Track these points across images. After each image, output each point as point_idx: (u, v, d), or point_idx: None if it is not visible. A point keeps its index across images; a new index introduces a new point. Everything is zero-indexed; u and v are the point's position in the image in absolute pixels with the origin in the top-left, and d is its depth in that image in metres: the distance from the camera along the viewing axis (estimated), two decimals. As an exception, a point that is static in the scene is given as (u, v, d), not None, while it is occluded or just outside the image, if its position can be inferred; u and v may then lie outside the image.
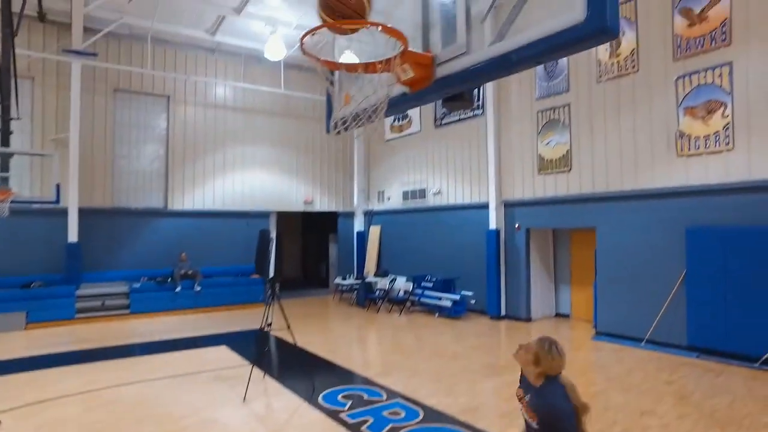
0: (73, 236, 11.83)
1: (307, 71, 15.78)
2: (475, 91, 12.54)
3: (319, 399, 6.23)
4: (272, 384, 6.88)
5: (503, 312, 11.85)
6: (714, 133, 8.43)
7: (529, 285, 11.61)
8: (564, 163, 10.74)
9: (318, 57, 2.53)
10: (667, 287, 8.86)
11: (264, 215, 15.43)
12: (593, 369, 7.79)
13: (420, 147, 14.78)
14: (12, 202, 9.18)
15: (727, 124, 8.27)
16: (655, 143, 9.18)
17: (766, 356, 7.45)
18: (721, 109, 8.37)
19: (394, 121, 15.85)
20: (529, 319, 11.50)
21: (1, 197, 9.02)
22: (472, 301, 12.12)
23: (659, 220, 9.07)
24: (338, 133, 3.08)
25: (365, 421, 5.45)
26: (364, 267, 16.37)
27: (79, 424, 5.46)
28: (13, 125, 10.95)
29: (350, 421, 5.48)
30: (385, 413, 5.71)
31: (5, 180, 9.64)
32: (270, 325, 6.60)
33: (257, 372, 7.00)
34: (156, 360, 8.32)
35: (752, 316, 7.71)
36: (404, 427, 5.29)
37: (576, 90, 10.54)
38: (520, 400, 2.68)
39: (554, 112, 10.96)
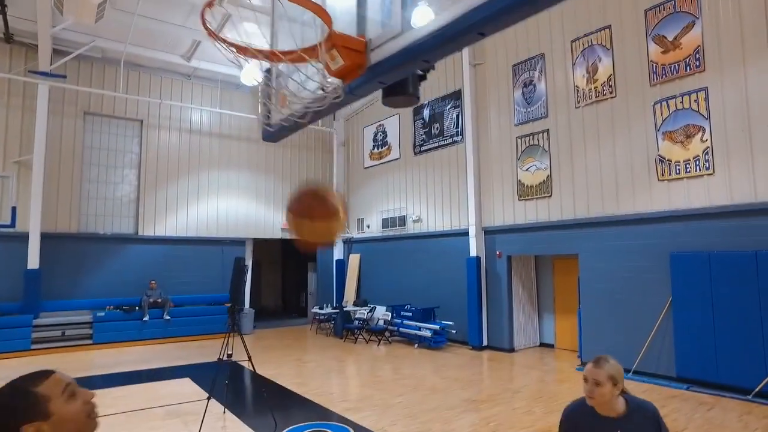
0: (33, 262, 11.21)
1: (286, 97, 15.61)
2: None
3: (281, 437, 5.70)
4: (231, 420, 6.32)
5: (485, 342, 11.40)
6: (694, 158, 8.32)
7: (512, 314, 11.23)
8: (544, 189, 10.55)
9: (226, 40, 2.22)
10: (653, 315, 8.56)
11: (240, 242, 14.94)
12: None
13: (399, 174, 14.56)
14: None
15: (707, 148, 8.16)
16: (636, 168, 9.04)
17: (758, 388, 7.12)
18: (700, 133, 8.29)
19: (374, 148, 15.69)
20: (512, 350, 11.07)
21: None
22: (453, 331, 11.66)
23: (642, 246, 8.84)
24: (275, 141, 2.75)
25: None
26: (343, 296, 15.86)
27: None
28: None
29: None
30: (351, 454, 5.21)
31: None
32: (230, 356, 6.11)
33: (218, 407, 6.46)
34: (111, 393, 7.69)
35: (742, 344, 7.42)
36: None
37: (555, 115, 10.45)
38: None
39: (533, 137, 10.84)
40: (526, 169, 10.92)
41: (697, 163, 8.27)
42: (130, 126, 13.51)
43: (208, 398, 6.11)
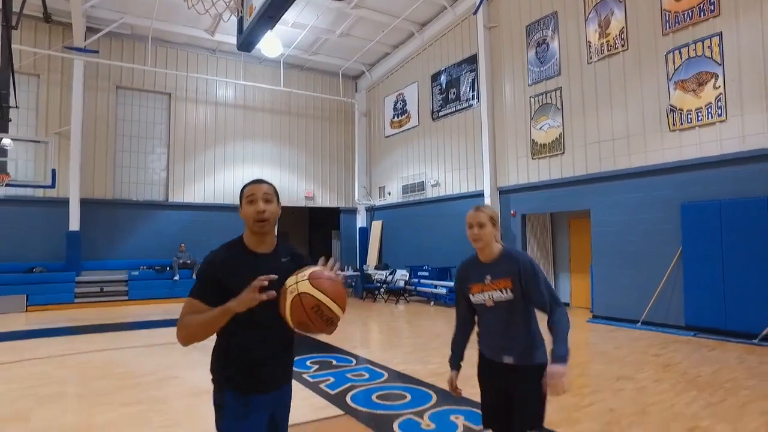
0: (74, 225, 12.13)
1: (308, 71, 16.04)
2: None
3: (288, 364, 6.15)
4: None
5: (499, 300, 11.59)
6: (706, 105, 8.20)
7: (526, 272, 11.35)
8: (557, 147, 10.57)
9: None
10: (662, 267, 8.57)
11: (265, 210, 15.50)
12: (579, 346, 7.52)
13: (418, 141, 14.77)
14: (9, 185, 9.47)
15: (719, 95, 8.03)
16: (647, 120, 8.97)
17: (765, 332, 7.11)
18: (712, 80, 8.15)
19: (394, 116, 15.91)
20: (526, 308, 11.22)
21: (-1, 180, 9.31)
22: (469, 291, 11.89)
23: (654, 198, 8.81)
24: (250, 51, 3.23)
25: (325, 381, 5.37)
26: (366, 262, 16.31)
27: (47, 377, 5.71)
28: (20, 120, 11.38)
29: (311, 380, 5.40)
30: (348, 375, 5.62)
31: (3, 164, 9.96)
32: None
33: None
34: (138, 334, 8.46)
35: (750, 291, 7.38)
36: (362, 387, 5.17)
37: (567, 73, 10.40)
38: (479, 291, 2.40)
39: (546, 96, 10.83)
40: (540, 128, 10.94)
41: (709, 110, 8.15)
42: (159, 99, 14.22)
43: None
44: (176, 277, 12.98)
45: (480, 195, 12.11)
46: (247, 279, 1.78)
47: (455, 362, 2.59)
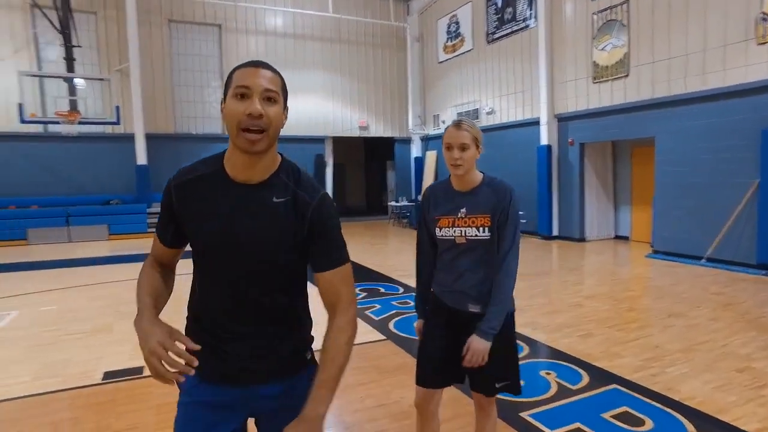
0: (141, 159, 12.85)
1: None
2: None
3: (338, 292, 6.46)
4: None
5: (555, 232, 11.38)
6: (802, 15, 7.17)
7: (583, 204, 10.98)
8: (621, 68, 9.73)
9: None
10: (734, 200, 7.95)
11: (319, 140, 15.71)
12: (634, 280, 7.32)
13: (472, 66, 14.08)
14: (81, 123, 10.06)
15: (820, 2, 6.98)
16: (730, 33, 7.97)
17: (842, 268, 6.58)
18: (814, -17, 7.06)
19: (447, 41, 15.14)
20: (582, 240, 10.96)
21: (70, 118, 9.93)
22: (524, 221, 11.70)
23: (729, 124, 8.03)
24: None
25: (371, 308, 5.60)
26: (420, 192, 16.33)
27: (125, 297, 6.17)
28: (82, 58, 11.82)
29: (358, 305, 5.64)
30: (394, 302, 5.82)
31: (73, 103, 10.53)
32: None
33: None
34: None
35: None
36: (406, 314, 5.35)
37: (640, -18, 9.33)
38: (448, 225, 2.00)
39: (611, 12, 9.84)
40: (602, 48, 10.07)
41: (806, 21, 7.13)
42: (210, 31, 14.27)
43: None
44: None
45: (536, 122, 11.56)
46: (207, 214, 1.23)
47: (423, 309, 2.20)
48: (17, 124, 11.52)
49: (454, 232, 1.99)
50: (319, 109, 15.68)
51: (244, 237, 1.23)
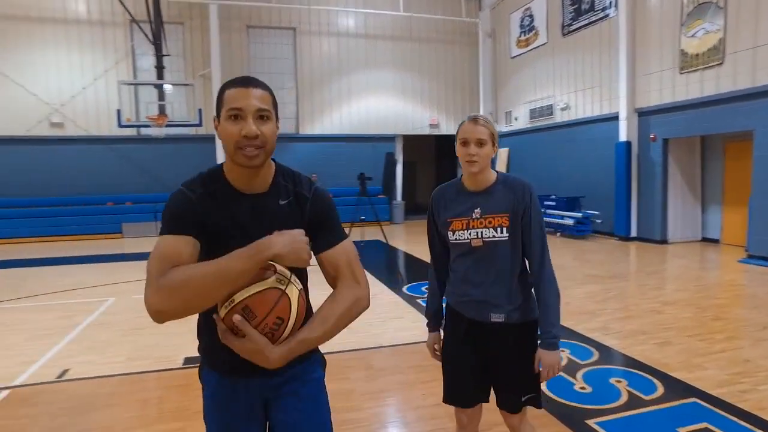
0: (221, 158, 13.53)
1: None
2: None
3: (404, 288, 6.56)
4: (367, 276, 7.38)
5: (633, 233, 10.75)
6: None
7: (666, 203, 10.28)
8: (714, 56, 8.99)
9: None
10: None
11: (389, 138, 15.89)
12: (723, 287, 6.76)
13: (546, 60, 13.61)
14: (168, 125, 10.87)
15: None
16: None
17: None
18: None
19: (521, 35, 14.72)
20: (664, 242, 10.28)
21: (159, 121, 10.76)
22: (599, 221, 11.19)
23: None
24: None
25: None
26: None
27: None
28: (170, 65, 12.76)
29: (423, 304, 5.67)
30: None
31: (162, 107, 11.40)
32: (362, 219, 7.04)
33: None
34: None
35: None
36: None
37: (736, -38, 8.57)
38: (461, 228, 1.86)
39: (705, -6, 9.11)
40: (692, 35, 9.35)
41: None
42: (285, 35, 14.87)
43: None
44: (308, 206, 14.10)
45: (614, 118, 10.97)
46: (229, 229, 1.28)
47: (436, 319, 2.07)
48: (115, 128, 12.65)
49: (469, 234, 1.84)
50: (390, 107, 15.85)
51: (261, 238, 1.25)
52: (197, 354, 1.49)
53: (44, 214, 13.05)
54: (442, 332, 2.05)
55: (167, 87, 12.34)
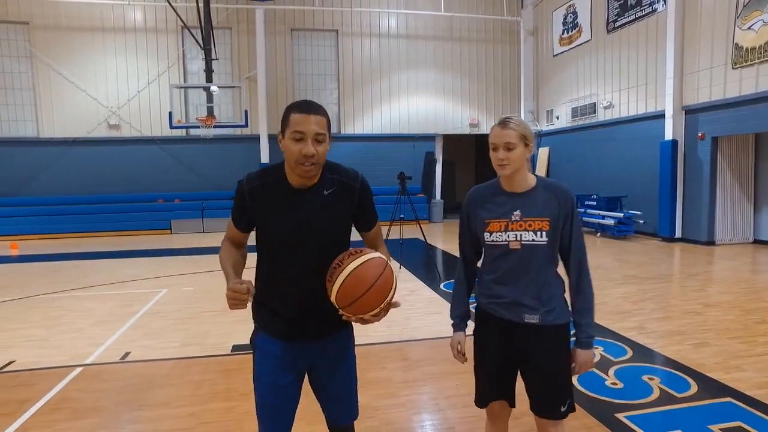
0: (264, 158, 14.16)
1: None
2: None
3: (441, 285, 6.71)
4: (405, 273, 7.61)
5: (678, 233, 10.47)
6: None
7: (714, 203, 9.96)
8: (769, 51, 8.64)
9: None
10: None
11: (429, 138, 16.00)
12: (771, 289, 6.54)
13: (590, 58, 13.38)
14: (215, 126, 11.39)
15: None
16: None
17: None
18: None
19: (563, 32, 14.52)
20: (711, 243, 9.96)
21: (207, 122, 11.28)
22: (641, 221, 10.94)
23: None
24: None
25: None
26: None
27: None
28: (218, 68, 13.32)
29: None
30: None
31: (210, 109, 11.94)
32: (402, 218, 7.24)
33: (395, 264, 7.80)
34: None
35: None
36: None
37: (792, -47, 8.22)
38: (499, 229, 1.86)
39: (760, -14, 8.77)
40: (748, 28, 9.01)
41: None
42: (328, 36, 15.24)
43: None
44: (349, 205, 14.44)
45: (659, 116, 10.71)
46: (278, 215, 1.64)
47: (463, 320, 2.04)
48: (167, 129, 13.35)
49: (508, 236, 1.83)
50: (430, 107, 15.96)
51: (306, 227, 1.64)
52: (245, 342, 1.80)
53: (101, 211, 13.90)
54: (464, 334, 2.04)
55: (214, 89, 12.90)
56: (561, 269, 1.95)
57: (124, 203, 14.19)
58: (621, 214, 10.93)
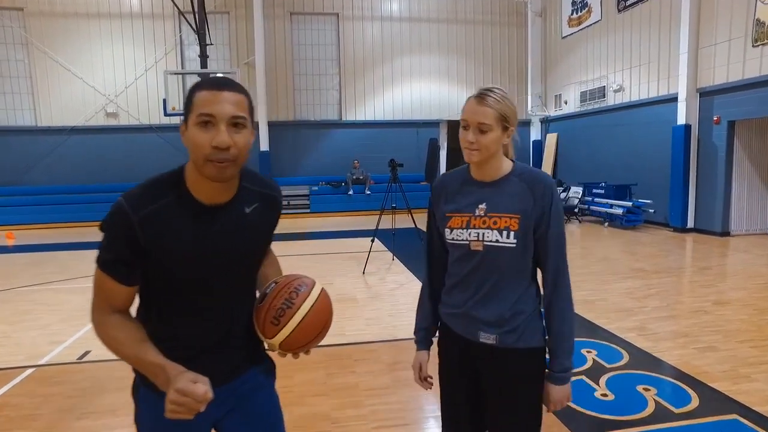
0: (264, 146, 13.87)
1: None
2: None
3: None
4: (397, 265, 7.31)
5: (690, 224, 9.97)
6: None
7: (729, 192, 9.44)
8: (790, 28, 8.06)
9: None
10: None
11: (433, 124, 15.57)
12: (788, 284, 6.09)
13: (600, 39, 12.80)
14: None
15: None
16: None
17: None
18: None
19: (572, 12, 13.91)
20: (725, 234, 9.45)
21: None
22: (651, 211, 10.45)
23: None
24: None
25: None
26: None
27: None
28: (216, 55, 12.99)
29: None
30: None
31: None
32: (394, 207, 7.01)
33: (387, 255, 7.52)
34: (308, 243, 9.57)
35: None
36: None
37: None
38: (460, 226, 1.50)
39: (781, -41, 8.16)
40: None
41: None
42: (328, 20, 14.81)
43: (372, 241, 7.22)
44: (350, 192, 14.16)
45: (672, 99, 10.15)
46: (186, 247, 1.14)
47: (426, 335, 1.69)
48: (165, 117, 13.06)
49: (469, 235, 1.47)
50: (434, 92, 15.49)
51: (229, 256, 1.21)
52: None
53: (99, 200, 13.67)
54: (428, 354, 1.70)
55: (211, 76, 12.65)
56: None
57: (118, 192, 13.97)
58: (630, 203, 10.45)
